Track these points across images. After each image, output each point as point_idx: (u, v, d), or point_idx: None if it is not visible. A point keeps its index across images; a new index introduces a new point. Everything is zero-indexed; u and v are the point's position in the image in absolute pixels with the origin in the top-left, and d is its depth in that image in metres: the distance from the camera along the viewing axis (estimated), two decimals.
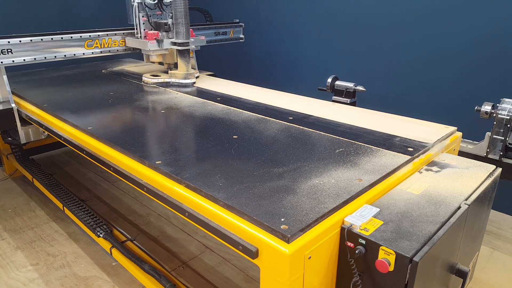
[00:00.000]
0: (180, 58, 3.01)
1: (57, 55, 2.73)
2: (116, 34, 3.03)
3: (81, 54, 2.85)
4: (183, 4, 2.83)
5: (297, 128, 2.08)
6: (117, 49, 3.06)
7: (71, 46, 2.79)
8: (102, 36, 2.94)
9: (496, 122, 2.23)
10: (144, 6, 3.01)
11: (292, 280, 1.17)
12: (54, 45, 2.70)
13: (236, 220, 1.29)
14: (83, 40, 2.83)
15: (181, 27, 2.88)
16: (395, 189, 1.54)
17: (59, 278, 2.38)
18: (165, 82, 3.00)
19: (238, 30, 3.86)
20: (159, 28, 3.01)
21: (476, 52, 2.92)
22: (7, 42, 2.48)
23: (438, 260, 1.35)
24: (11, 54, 2.50)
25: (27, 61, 2.58)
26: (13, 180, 3.64)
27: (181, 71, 3.02)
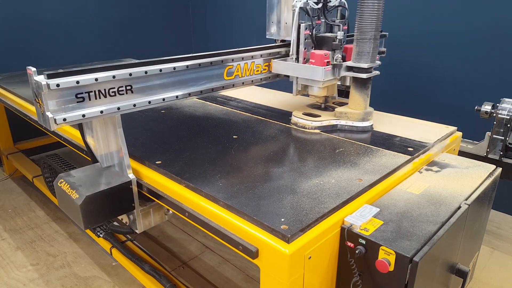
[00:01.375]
0: (357, 90, 2.04)
1: (192, 91, 1.78)
2: (261, 56, 2.05)
3: (220, 87, 1.90)
4: (377, 8, 1.87)
5: (296, 129, 2.08)
6: (260, 77, 2.09)
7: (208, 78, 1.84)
8: (246, 59, 1.97)
9: (496, 122, 2.23)
10: (305, 12, 2.04)
11: (292, 280, 1.17)
12: (188, 76, 1.76)
13: (236, 220, 1.29)
14: (223, 67, 1.88)
15: (368, 45, 1.92)
16: (395, 189, 1.54)
17: (59, 278, 2.38)
18: (331, 126, 2.08)
19: (380, 42, 2.62)
20: (321, 45, 2.08)
21: (476, 52, 2.91)
22: (128, 74, 1.53)
23: (438, 260, 1.35)
24: (131, 93, 1.57)
25: (153, 103, 1.64)
26: (13, 180, 3.64)
27: (357, 109, 2.07)
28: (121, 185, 1.57)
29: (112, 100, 1.51)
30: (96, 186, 1.54)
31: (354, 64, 1.98)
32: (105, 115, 1.50)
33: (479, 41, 2.89)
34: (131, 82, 1.56)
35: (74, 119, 1.42)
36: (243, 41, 4.53)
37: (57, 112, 1.38)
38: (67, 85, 1.38)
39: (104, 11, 4.17)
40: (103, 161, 1.69)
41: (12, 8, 3.58)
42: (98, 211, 1.53)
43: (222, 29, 4.71)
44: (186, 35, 5.01)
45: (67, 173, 1.65)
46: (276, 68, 2.09)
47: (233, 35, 4.63)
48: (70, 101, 1.41)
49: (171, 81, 1.70)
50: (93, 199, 1.49)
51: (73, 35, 3.97)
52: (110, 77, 1.47)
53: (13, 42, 3.63)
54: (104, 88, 1.48)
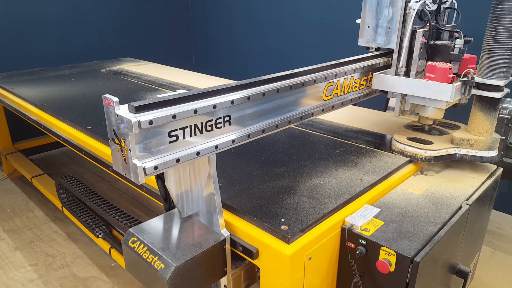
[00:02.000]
0: (483, 112, 1.67)
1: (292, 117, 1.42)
2: (355, 71, 1.65)
3: (319, 110, 1.53)
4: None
5: (296, 129, 2.07)
6: (359, 95, 1.72)
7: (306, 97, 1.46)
8: (349, 73, 1.62)
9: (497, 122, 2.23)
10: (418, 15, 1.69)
11: (293, 281, 1.16)
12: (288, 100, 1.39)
13: (236, 221, 1.28)
14: (324, 83, 1.51)
15: (504, 58, 1.55)
16: (396, 189, 1.54)
17: (58, 278, 2.37)
18: (449, 155, 1.69)
19: None
20: (435, 55, 1.72)
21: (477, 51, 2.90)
22: (230, 102, 1.19)
23: (439, 261, 1.34)
24: (228, 125, 1.22)
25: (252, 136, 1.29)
26: (11, 180, 3.63)
27: (482, 135, 1.69)
28: (214, 246, 1.21)
29: (209, 136, 1.17)
30: (184, 249, 1.17)
31: (484, 80, 1.60)
32: (201, 157, 1.15)
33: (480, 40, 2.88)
34: (230, 112, 1.21)
35: (167, 166, 1.07)
36: (243, 39, 4.53)
37: (145, 158, 1.03)
38: (162, 121, 1.02)
39: (102, 10, 4.16)
40: (184, 209, 1.32)
41: (11, 7, 3.57)
42: (189, 283, 1.15)
43: (222, 28, 4.71)
44: (186, 34, 5.01)
45: (139, 227, 1.28)
46: (379, 83, 1.71)
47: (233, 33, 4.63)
48: (162, 143, 1.06)
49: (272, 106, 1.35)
50: (183, 270, 1.13)
51: (71, 34, 3.96)
52: (211, 107, 1.13)
53: (12, 42, 3.62)
54: (201, 122, 1.13)
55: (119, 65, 3.71)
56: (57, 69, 3.60)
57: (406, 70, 1.72)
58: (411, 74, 1.71)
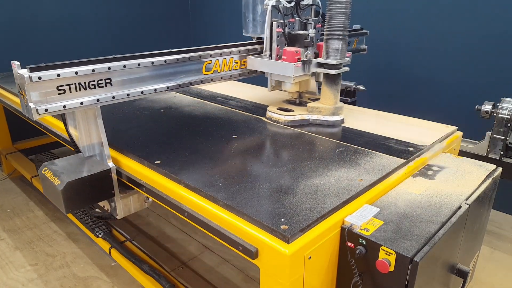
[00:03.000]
0: (327, 86, 2.10)
1: (170, 85, 1.85)
2: (240, 52, 2.12)
3: (199, 82, 1.98)
4: (345, 6, 1.94)
5: (296, 129, 2.08)
6: (238, 72, 2.16)
7: (187, 72, 1.91)
8: (225, 55, 2.05)
9: (496, 122, 2.23)
10: (277, 11, 2.08)
11: (292, 281, 1.16)
12: (167, 71, 1.83)
13: (236, 220, 1.28)
14: (201, 62, 1.95)
15: (337, 42, 1.98)
16: (396, 189, 1.54)
17: (58, 278, 2.38)
18: (304, 120, 2.14)
19: (361, 39, 2.94)
20: (294, 42, 2.13)
21: (477, 51, 2.91)
22: (107, 68, 1.61)
23: (439, 260, 1.34)
24: (110, 86, 1.65)
25: (132, 95, 1.72)
26: (11, 180, 3.63)
27: (328, 104, 2.13)
28: (101, 173, 1.66)
29: (91, 93, 1.60)
30: (77, 173, 1.63)
31: (324, 60, 2.05)
32: (85, 107, 1.59)
33: (479, 40, 2.88)
34: (110, 75, 1.64)
35: (55, 110, 1.51)
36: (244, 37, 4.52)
37: (39, 103, 1.47)
38: (49, 77, 1.47)
39: (102, 10, 4.16)
40: (85, 151, 1.78)
41: (10, 7, 3.57)
42: (79, 196, 1.62)
43: (222, 24, 4.71)
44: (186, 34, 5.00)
45: (51, 161, 1.73)
46: (251, 64, 2.16)
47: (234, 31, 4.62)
48: (51, 93, 1.50)
49: (150, 75, 1.78)
50: (74, 185, 1.58)
51: (71, 34, 3.96)
52: (90, 70, 1.57)
53: (12, 42, 3.62)
54: (84, 81, 1.57)
55: None
56: None
57: (270, 54, 2.14)
58: (273, 57, 2.13)
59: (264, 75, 2.19)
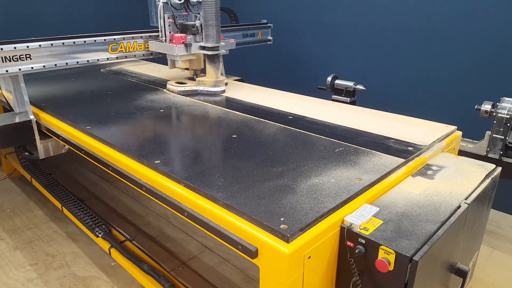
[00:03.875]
0: (209, 64, 2.73)
1: (80, 60, 2.48)
2: (142, 37, 2.76)
3: (105, 59, 2.59)
4: (215, 4, 2.56)
5: (294, 130, 2.08)
6: (142, 53, 2.80)
7: (95, 51, 2.53)
8: (128, 39, 2.68)
9: (496, 121, 2.23)
10: (169, 6, 2.70)
11: (292, 280, 1.16)
12: (76, 49, 2.45)
13: (236, 220, 1.28)
14: (107, 44, 2.56)
15: (211, 30, 2.61)
16: (395, 188, 1.54)
17: (58, 278, 2.38)
18: (193, 91, 2.74)
19: (266, 32, 3.62)
20: (185, 30, 2.73)
21: (476, 51, 2.91)
22: (26, 46, 2.23)
23: (438, 260, 1.34)
24: (30, 60, 2.26)
25: (47, 67, 2.34)
26: (11, 180, 3.63)
27: (210, 78, 2.74)
28: (23, 122, 2.29)
29: (15, 64, 2.22)
30: (5, 122, 2.25)
31: (204, 44, 2.68)
32: (10, 74, 2.21)
33: (479, 40, 2.88)
34: (29, 52, 2.27)
35: None
36: None
37: None
38: None
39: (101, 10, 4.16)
40: (15, 109, 2.38)
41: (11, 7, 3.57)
42: (6, 138, 2.27)
43: None
44: None
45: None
46: (151, 46, 2.79)
47: None
48: None
49: (62, 52, 2.42)
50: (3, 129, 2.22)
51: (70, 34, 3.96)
52: (12, 47, 2.18)
53: None
54: (8, 55, 2.17)
55: (118, 65, 3.70)
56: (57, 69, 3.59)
57: (165, 39, 2.75)
58: (167, 41, 2.74)
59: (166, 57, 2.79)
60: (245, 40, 3.44)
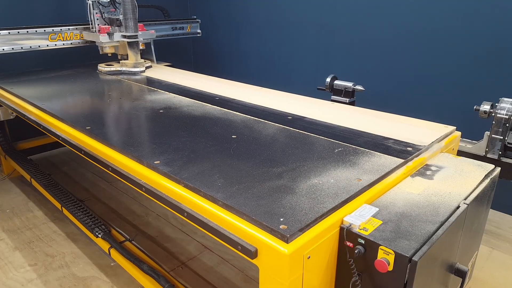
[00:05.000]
0: (129, 49, 3.43)
1: (23, 46, 3.20)
2: (76, 29, 3.50)
3: (45, 46, 3.34)
4: (131, 1, 3.29)
5: (293, 130, 2.08)
6: (78, 41, 3.54)
7: (37, 39, 3.25)
8: (64, 31, 3.43)
9: (495, 122, 2.23)
10: (98, 4, 3.37)
11: (291, 280, 1.17)
12: (20, 37, 3.16)
13: (235, 220, 1.28)
14: (47, 34, 3.32)
15: (130, 22, 3.32)
16: (394, 188, 1.54)
17: (57, 278, 2.38)
18: (117, 71, 3.44)
19: (195, 26, 4.27)
20: (112, 23, 3.40)
21: (475, 51, 2.92)
22: None
23: (437, 260, 1.35)
24: None
25: None
26: (11, 181, 3.63)
27: (130, 61, 3.47)
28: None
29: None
30: None
31: (124, 33, 3.38)
32: None
33: (478, 40, 2.89)
34: None
35: None
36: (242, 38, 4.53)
37: None
38: None
39: None
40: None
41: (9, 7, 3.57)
42: None
43: (221, 28, 4.71)
44: None
45: None
46: (85, 36, 3.54)
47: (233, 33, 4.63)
48: None
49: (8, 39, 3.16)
50: None
51: None
52: None
53: None
54: None
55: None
56: (56, 70, 3.60)
57: (95, 30, 3.39)
58: (96, 32, 3.39)
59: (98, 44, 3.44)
60: (174, 32, 4.09)
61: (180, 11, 4.86)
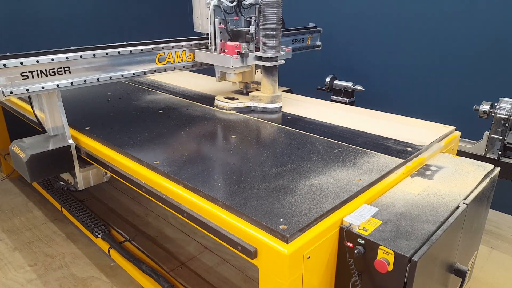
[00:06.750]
0: (266, 76, 2.35)
1: (124, 73, 2.10)
2: (192, 46, 2.37)
3: (152, 71, 2.21)
4: (276, 6, 2.17)
5: (293, 131, 2.08)
6: (191, 64, 2.40)
7: (140, 63, 2.15)
8: (176, 48, 2.29)
9: (494, 122, 2.24)
10: (221, 9, 2.31)
11: (291, 280, 1.17)
12: (120, 61, 2.07)
13: (235, 220, 1.28)
14: (154, 54, 2.18)
15: (271, 37, 2.22)
16: (394, 189, 1.54)
17: (57, 278, 2.38)
18: (246, 107, 2.38)
19: (316, 37, 3.19)
20: (237, 37, 2.37)
21: (475, 51, 2.92)
22: (65, 58, 1.86)
23: (437, 260, 1.35)
24: (69, 73, 1.89)
25: (88, 82, 1.96)
26: (10, 181, 3.63)
27: (266, 93, 2.37)
28: (61, 148, 1.92)
29: (52, 79, 1.84)
30: (40, 148, 1.90)
31: (261, 54, 2.28)
32: (46, 91, 1.84)
33: (478, 40, 2.89)
34: (69, 64, 1.89)
35: (19, 93, 1.74)
36: None
37: (5, 87, 1.70)
38: (13, 65, 1.71)
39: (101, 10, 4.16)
40: (50, 131, 2.04)
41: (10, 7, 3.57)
42: (41, 168, 1.89)
43: None
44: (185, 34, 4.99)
45: (20, 140, 1.99)
46: (199, 56, 2.38)
47: None
48: (16, 78, 1.74)
49: (105, 64, 2.03)
50: (37, 157, 1.85)
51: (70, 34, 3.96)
52: (49, 59, 1.81)
53: (11, 42, 3.62)
54: (45, 69, 1.81)
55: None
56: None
57: (215, 48, 2.34)
58: (217, 51, 2.33)
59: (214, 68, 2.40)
60: (294, 46, 2.96)
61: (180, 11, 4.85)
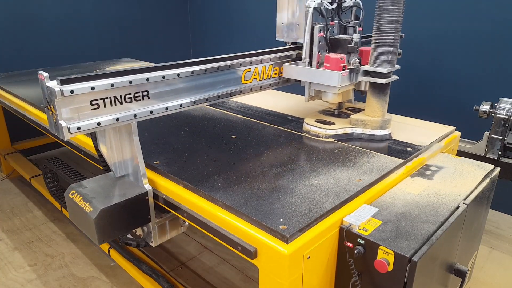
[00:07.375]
0: (374, 96, 1.88)
1: (209, 96, 1.67)
2: (280, 58, 1.92)
3: (238, 91, 1.79)
4: (397, 9, 1.71)
5: (294, 131, 2.08)
6: (277, 81, 1.97)
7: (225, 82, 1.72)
8: (265, 61, 1.86)
9: (494, 122, 2.24)
10: (319, 13, 1.90)
11: (291, 280, 1.17)
12: (204, 81, 1.64)
13: (235, 221, 1.28)
14: (240, 71, 1.76)
15: (388, 49, 1.77)
16: (394, 189, 1.54)
17: (57, 278, 2.38)
18: (346, 134, 1.93)
19: None
20: (335, 48, 1.94)
21: (475, 51, 2.92)
22: (146, 79, 1.43)
23: (437, 260, 1.35)
24: (147, 99, 1.47)
25: (170, 109, 1.54)
26: (10, 181, 3.62)
27: (374, 116, 1.91)
28: (137, 197, 1.47)
29: (127, 107, 1.41)
30: (110, 198, 1.43)
31: (372, 68, 1.82)
32: (121, 123, 1.40)
33: (478, 40, 2.89)
34: (148, 87, 1.45)
35: (88, 128, 1.32)
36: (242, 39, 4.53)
37: (71, 121, 1.28)
38: (82, 91, 1.27)
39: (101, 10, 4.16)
40: (116, 171, 1.59)
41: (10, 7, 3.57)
42: (113, 225, 1.42)
43: (220, 27, 4.71)
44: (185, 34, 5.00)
45: (79, 183, 1.53)
46: (288, 72, 1.92)
47: (233, 33, 4.63)
48: (84, 108, 1.30)
49: (187, 86, 1.58)
50: (108, 212, 1.38)
51: (70, 34, 3.96)
52: (127, 82, 1.37)
53: (11, 42, 3.62)
54: (120, 94, 1.37)
55: (118, 66, 3.70)
56: (56, 70, 3.59)
57: (310, 60, 1.93)
58: (313, 64, 1.92)
59: (300, 84, 1.96)
60: None
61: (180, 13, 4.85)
